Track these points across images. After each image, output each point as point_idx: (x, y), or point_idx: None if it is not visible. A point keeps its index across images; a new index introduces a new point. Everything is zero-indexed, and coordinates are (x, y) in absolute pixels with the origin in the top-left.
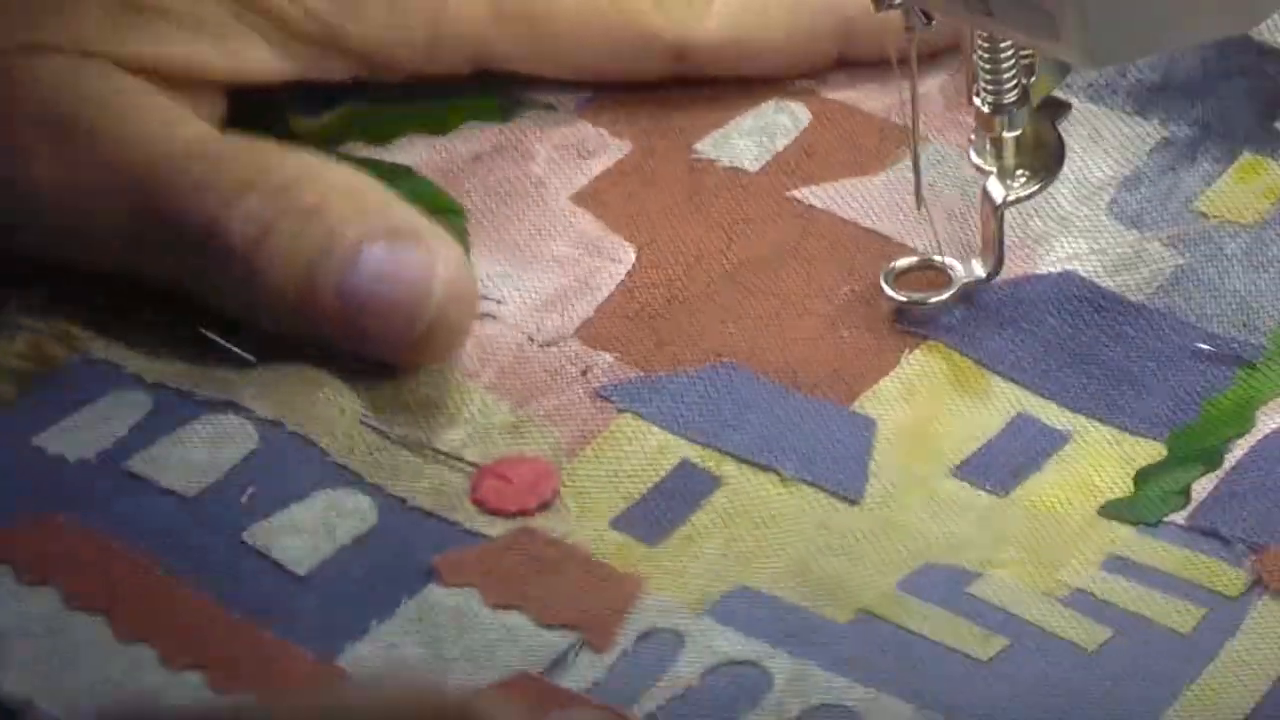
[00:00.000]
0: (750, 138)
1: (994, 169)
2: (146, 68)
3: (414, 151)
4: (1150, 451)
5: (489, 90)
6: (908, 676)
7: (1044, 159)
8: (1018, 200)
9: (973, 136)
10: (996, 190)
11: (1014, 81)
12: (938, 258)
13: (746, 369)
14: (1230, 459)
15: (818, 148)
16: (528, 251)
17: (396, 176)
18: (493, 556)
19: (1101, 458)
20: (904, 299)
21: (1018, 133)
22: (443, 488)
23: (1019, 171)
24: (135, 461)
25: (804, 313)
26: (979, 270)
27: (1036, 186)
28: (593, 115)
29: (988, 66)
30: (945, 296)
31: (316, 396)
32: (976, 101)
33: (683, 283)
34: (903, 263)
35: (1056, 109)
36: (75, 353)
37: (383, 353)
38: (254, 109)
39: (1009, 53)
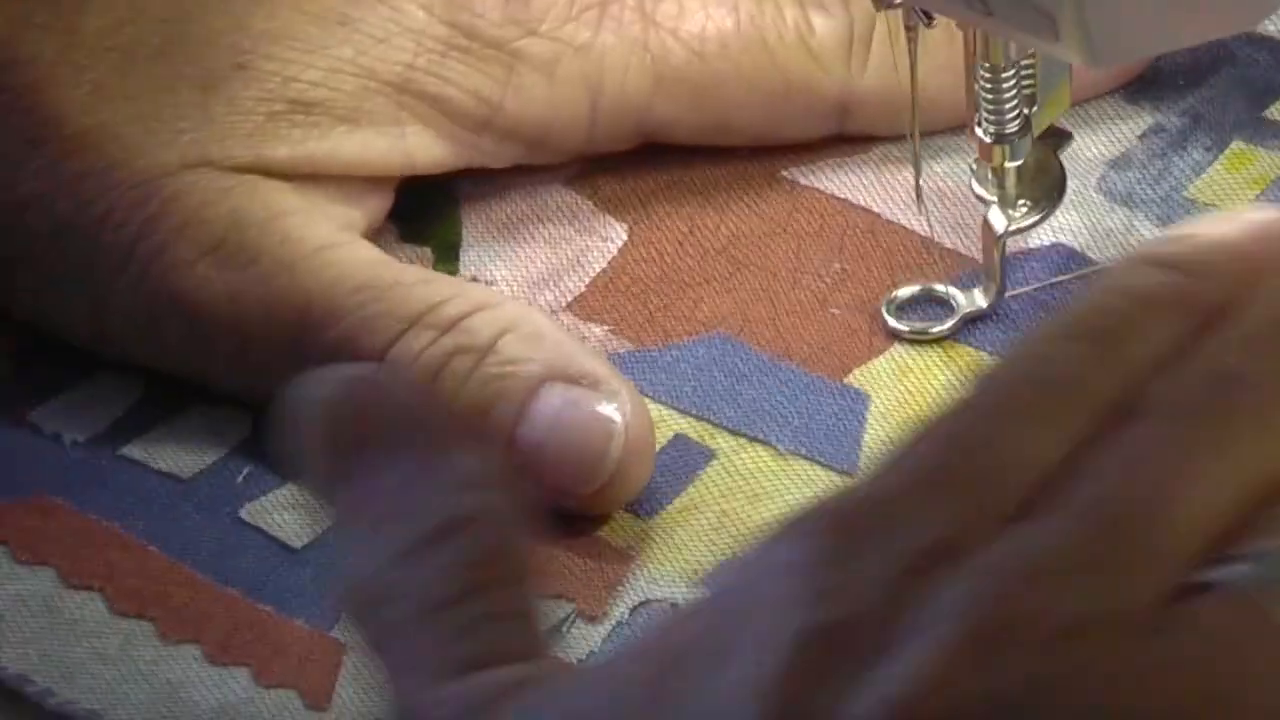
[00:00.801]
0: None
1: (995, 199)
2: (319, 169)
3: None
4: None
5: None
6: None
7: (1046, 188)
8: (1019, 230)
9: (974, 165)
10: (998, 220)
11: (1016, 111)
12: (939, 287)
13: (739, 340)
14: None
15: None
16: (521, 232)
17: None
18: None
19: None
20: (905, 329)
21: (1019, 162)
22: None
23: (1020, 201)
24: (131, 448)
25: (795, 287)
26: (980, 300)
27: (1038, 216)
28: None
29: (989, 96)
30: (946, 327)
31: None
32: (978, 131)
33: (674, 257)
34: (904, 292)
35: (1059, 138)
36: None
37: (553, 500)
38: None
39: (1011, 82)
